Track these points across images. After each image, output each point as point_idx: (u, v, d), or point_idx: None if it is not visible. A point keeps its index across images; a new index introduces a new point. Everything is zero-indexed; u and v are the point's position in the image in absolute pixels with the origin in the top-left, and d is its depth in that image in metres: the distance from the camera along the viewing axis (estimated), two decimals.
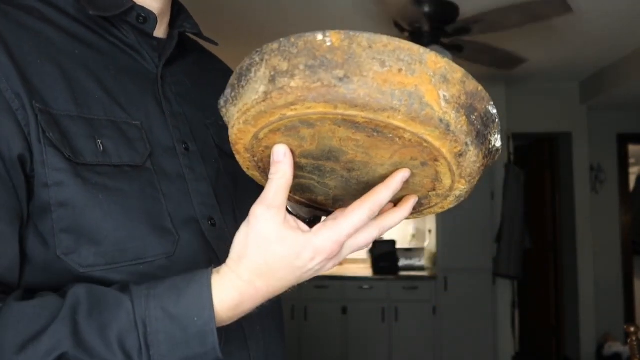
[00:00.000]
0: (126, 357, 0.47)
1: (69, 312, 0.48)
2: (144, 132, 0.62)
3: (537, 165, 4.92)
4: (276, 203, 0.49)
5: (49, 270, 0.54)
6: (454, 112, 0.43)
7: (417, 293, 4.21)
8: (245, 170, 0.56)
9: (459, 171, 0.47)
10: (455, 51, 2.83)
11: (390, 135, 0.44)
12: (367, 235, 0.52)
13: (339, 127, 0.45)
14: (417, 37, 2.74)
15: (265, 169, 0.54)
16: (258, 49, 0.45)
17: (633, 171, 5.47)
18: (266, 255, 0.50)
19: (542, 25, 3.01)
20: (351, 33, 0.41)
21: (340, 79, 0.41)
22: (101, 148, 0.57)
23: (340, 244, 0.50)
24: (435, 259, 4.34)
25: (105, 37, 0.64)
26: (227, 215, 0.68)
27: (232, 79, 0.48)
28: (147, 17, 0.65)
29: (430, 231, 4.66)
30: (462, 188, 0.50)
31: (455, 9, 2.68)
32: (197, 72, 0.77)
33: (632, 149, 4.99)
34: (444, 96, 0.42)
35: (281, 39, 0.43)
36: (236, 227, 0.68)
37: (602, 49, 3.58)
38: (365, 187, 0.53)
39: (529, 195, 4.37)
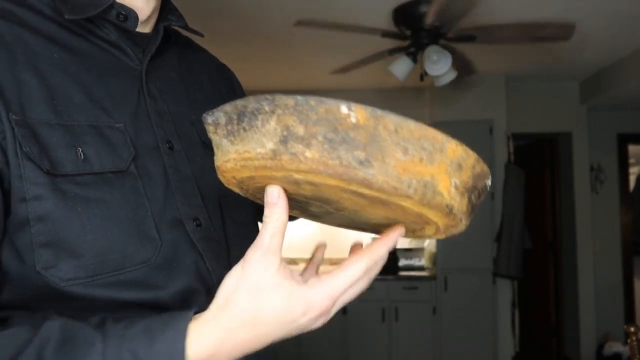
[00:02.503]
0: None
1: (37, 349, 0.47)
2: (128, 135, 0.60)
3: (537, 165, 4.92)
4: (273, 248, 0.47)
5: (26, 285, 0.53)
6: (459, 196, 0.43)
7: (417, 293, 4.21)
8: (225, 184, 0.53)
9: (447, 233, 0.49)
10: (468, 41, 2.80)
11: (393, 207, 0.44)
12: (358, 288, 0.50)
13: (344, 192, 0.44)
14: (417, 36, 2.74)
15: (248, 191, 0.52)
16: (269, 97, 0.41)
17: (633, 171, 5.48)
18: (256, 304, 0.47)
19: None
20: (378, 112, 0.39)
21: (361, 162, 0.39)
22: (82, 157, 0.55)
23: (334, 299, 0.48)
24: (435, 259, 4.34)
25: (86, 36, 0.62)
26: (214, 214, 0.67)
27: (231, 111, 0.44)
28: (128, 15, 0.64)
29: None
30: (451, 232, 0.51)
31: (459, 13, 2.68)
32: (182, 65, 0.75)
33: (632, 149, 4.99)
34: (455, 183, 0.43)
35: (298, 97, 0.40)
36: (223, 226, 0.67)
37: (602, 49, 3.58)
38: (351, 222, 0.53)
39: (529, 195, 4.37)
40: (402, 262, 4.52)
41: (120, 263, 0.55)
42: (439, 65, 2.70)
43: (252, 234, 0.75)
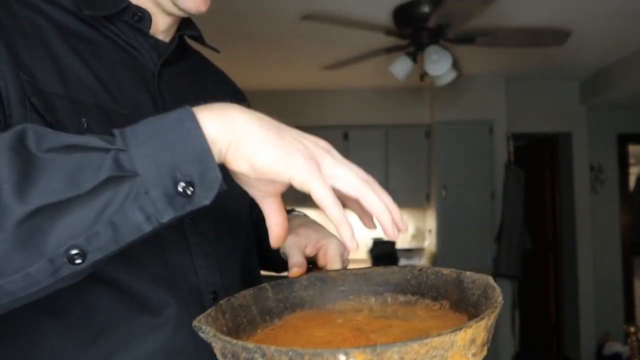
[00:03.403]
0: (100, 140, 0.43)
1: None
2: (134, 122, 0.61)
3: (537, 165, 4.92)
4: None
5: None
6: (479, 353, 0.43)
7: None
8: None
9: None
10: (468, 43, 2.81)
11: None
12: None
13: None
14: (417, 36, 2.74)
15: None
16: (260, 350, 0.38)
17: (633, 171, 5.48)
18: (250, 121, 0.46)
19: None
20: (378, 349, 0.37)
21: None
22: (85, 126, 0.57)
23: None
24: (435, 259, 4.34)
25: (103, 32, 0.65)
26: (207, 212, 0.67)
27: (225, 350, 0.42)
28: (142, 16, 0.67)
29: (430, 231, 4.66)
30: None
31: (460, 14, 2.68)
32: (196, 77, 0.78)
33: (632, 149, 4.99)
34: (472, 354, 0.42)
35: (291, 353, 0.37)
36: (214, 225, 0.68)
37: (602, 49, 3.58)
38: None
39: (529, 195, 4.37)
40: (402, 262, 4.53)
41: None
42: (439, 65, 2.70)
43: (245, 237, 0.76)
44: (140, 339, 0.59)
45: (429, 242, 4.66)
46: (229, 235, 0.71)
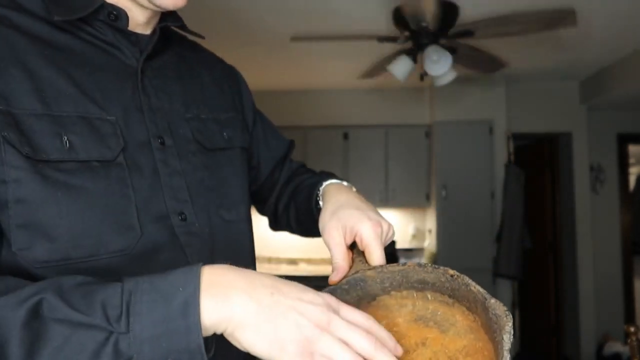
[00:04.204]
0: (105, 320, 0.45)
1: (53, 281, 0.48)
2: (119, 127, 0.62)
3: (537, 165, 4.92)
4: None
5: (4, 266, 0.55)
6: None
7: None
8: None
9: None
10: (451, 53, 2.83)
11: None
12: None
13: None
14: (417, 36, 2.74)
15: None
16: None
17: (633, 171, 5.47)
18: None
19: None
20: None
21: None
22: (67, 145, 0.57)
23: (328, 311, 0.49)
24: (435, 259, 4.34)
25: (79, 35, 0.64)
26: (200, 210, 0.68)
27: None
28: (118, 14, 0.65)
29: (430, 231, 4.66)
30: None
31: (456, 11, 2.68)
32: (182, 65, 0.76)
33: (632, 149, 4.99)
34: None
35: None
36: (209, 223, 0.68)
37: (602, 49, 3.58)
38: None
39: (529, 195, 4.37)
40: (402, 262, 4.52)
41: (95, 249, 0.57)
42: (439, 65, 2.70)
43: (243, 232, 0.76)
44: None
45: (429, 242, 4.66)
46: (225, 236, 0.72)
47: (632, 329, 1.55)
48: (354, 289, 0.63)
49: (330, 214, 0.72)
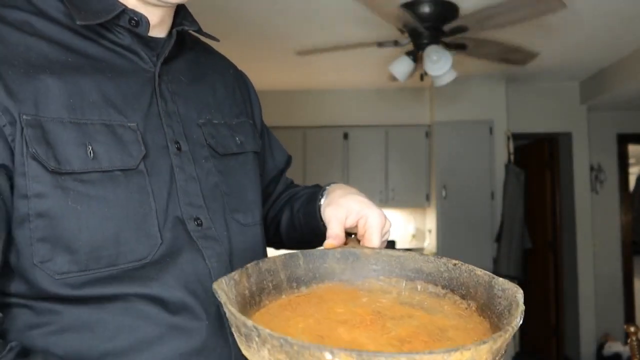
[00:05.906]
0: None
1: None
2: (140, 133, 0.62)
3: (537, 165, 4.92)
4: None
5: (22, 278, 0.56)
6: None
7: None
8: None
9: None
10: (460, 49, 2.83)
11: None
12: None
13: None
14: (416, 37, 2.74)
15: None
16: (256, 328, 0.41)
17: (633, 171, 5.48)
18: None
19: (542, 25, 3.01)
20: (364, 355, 0.37)
21: None
22: (91, 155, 0.57)
23: None
24: None
25: (99, 41, 0.64)
26: (215, 215, 0.68)
27: (231, 320, 0.45)
28: (140, 21, 0.65)
29: (430, 231, 4.66)
30: None
31: (453, 9, 2.68)
32: (195, 70, 0.76)
33: (632, 149, 4.99)
34: None
35: (282, 340, 0.40)
36: (225, 226, 0.69)
37: (602, 49, 3.58)
38: None
39: (529, 195, 4.37)
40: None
41: (114, 260, 0.57)
42: (439, 65, 2.70)
43: (258, 235, 0.76)
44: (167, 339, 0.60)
45: (429, 242, 4.66)
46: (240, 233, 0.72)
47: (632, 329, 1.55)
48: (345, 260, 0.62)
49: (338, 197, 0.73)
